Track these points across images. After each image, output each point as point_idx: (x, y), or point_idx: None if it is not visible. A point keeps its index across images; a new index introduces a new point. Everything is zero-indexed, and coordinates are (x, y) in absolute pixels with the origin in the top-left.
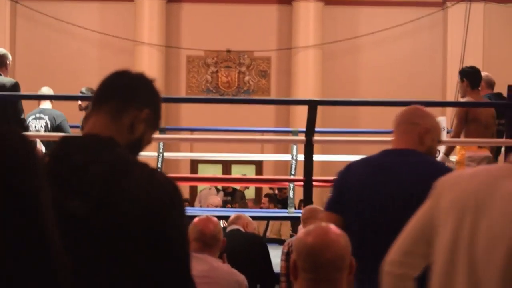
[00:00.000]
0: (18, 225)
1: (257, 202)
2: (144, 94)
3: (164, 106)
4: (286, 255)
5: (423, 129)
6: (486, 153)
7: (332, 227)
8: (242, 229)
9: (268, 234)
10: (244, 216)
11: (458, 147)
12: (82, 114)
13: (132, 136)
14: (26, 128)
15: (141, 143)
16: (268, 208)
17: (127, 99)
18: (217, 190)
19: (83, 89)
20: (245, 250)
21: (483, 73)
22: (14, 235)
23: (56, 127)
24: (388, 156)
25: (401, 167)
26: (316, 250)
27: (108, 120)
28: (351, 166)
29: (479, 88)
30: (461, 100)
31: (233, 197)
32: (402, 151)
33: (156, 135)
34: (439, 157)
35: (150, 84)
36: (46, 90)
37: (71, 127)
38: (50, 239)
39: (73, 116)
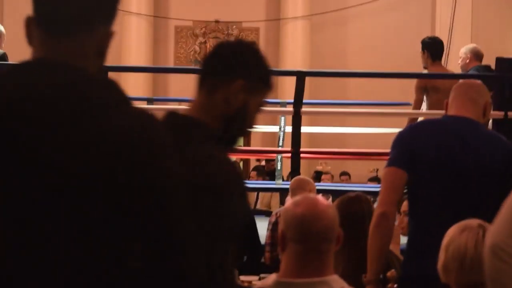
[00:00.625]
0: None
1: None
2: (236, 64)
3: (151, 76)
4: (273, 225)
5: (488, 103)
6: None
7: (320, 198)
8: None
9: (258, 206)
10: None
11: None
12: None
13: (228, 109)
14: None
15: (245, 114)
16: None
17: (217, 73)
18: None
19: None
20: None
21: (471, 45)
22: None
23: None
24: (458, 123)
25: (477, 137)
26: (306, 220)
27: (203, 97)
28: (418, 127)
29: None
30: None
31: None
32: (470, 121)
33: (144, 105)
34: None
35: (244, 52)
36: None
37: None
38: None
39: None
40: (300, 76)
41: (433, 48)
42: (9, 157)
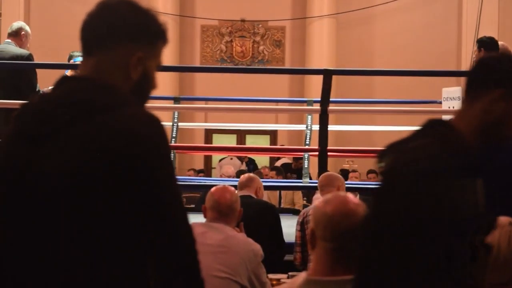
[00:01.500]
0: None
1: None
2: (496, 73)
3: (178, 75)
4: (301, 225)
5: None
6: None
7: (350, 196)
8: (253, 196)
9: (282, 204)
10: (257, 180)
11: None
12: None
13: (488, 119)
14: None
15: (502, 125)
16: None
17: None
18: (240, 160)
19: (75, 53)
20: (258, 219)
21: (499, 43)
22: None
23: None
24: None
25: None
26: (336, 219)
27: (465, 107)
28: None
29: None
30: None
31: (249, 168)
32: None
33: (170, 104)
34: None
35: (505, 62)
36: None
37: None
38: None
39: None
40: (327, 75)
41: (491, 48)
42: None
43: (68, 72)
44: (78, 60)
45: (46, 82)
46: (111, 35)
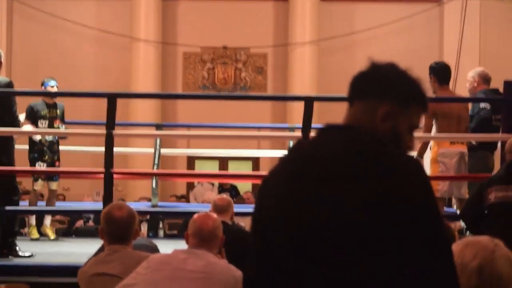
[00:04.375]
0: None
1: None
2: (382, 87)
3: (160, 102)
4: None
5: None
6: (460, 148)
7: None
8: (228, 221)
9: None
10: (232, 205)
11: (432, 144)
12: None
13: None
14: (18, 123)
15: (398, 138)
16: None
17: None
18: (212, 185)
19: (47, 79)
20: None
21: (479, 68)
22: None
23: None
24: None
25: None
26: None
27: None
28: None
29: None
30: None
31: (231, 193)
32: None
33: (152, 131)
34: None
35: (391, 75)
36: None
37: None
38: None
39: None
40: (308, 102)
41: (439, 72)
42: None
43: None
44: (50, 84)
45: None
46: (366, 89)
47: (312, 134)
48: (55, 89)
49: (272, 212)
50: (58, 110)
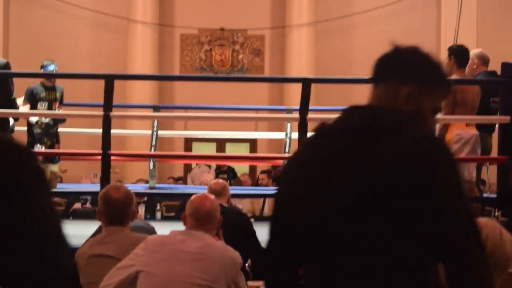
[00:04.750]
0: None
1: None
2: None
3: (157, 84)
4: None
5: None
6: (474, 131)
7: None
8: (225, 204)
9: (265, 212)
10: (228, 188)
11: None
12: None
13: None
14: (15, 104)
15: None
16: (267, 184)
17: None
18: (209, 167)
19: (46, 62)
20: (232, 227)
21: (477, 50)
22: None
23: None
24: None
25: None
26: None
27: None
28: None
29: (475, 67)
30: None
31: (228, 175)
32: None
33: (150, 113)
34: None
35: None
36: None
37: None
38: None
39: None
40: (306, 83)
41: (460, 55)
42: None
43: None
44: (49, 68)
45: (22, 90)
46: (389, 71)
47: (310, 116)
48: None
49: (299, 191)
50: (57, 93)
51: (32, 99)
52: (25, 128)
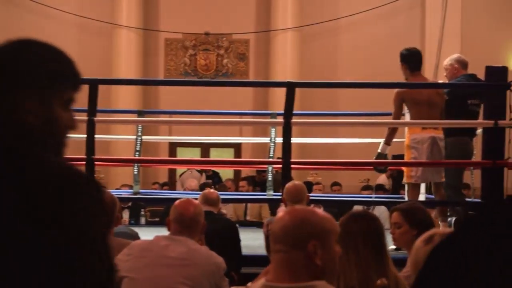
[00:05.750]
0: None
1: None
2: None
3: (142, 88)
4: (267, 238)
5: None
6: (432, 133)
7: (313, 209)
8: (215, 212)
9: (248, 217)
10: (220, 199)
11: (406, 131)
12: None
13: None
14: None
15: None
16: (247, 191)
17: None
18: (200, 172)
19: None
20: (221, 234)
21: (455, 55)
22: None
23: None
24: None
25: None
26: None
27: None
28: None
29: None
30: (397, 90)
31: (213, 180)
32: None
33: (134, 118)
34: (380, 146)
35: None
36: None
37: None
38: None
39: None
40: (291, 87)
41: (410, 59)
42: None
43: None
44: None
45: None
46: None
47: (294, 120)
48: None
49: None
50: None
51: None
52: None
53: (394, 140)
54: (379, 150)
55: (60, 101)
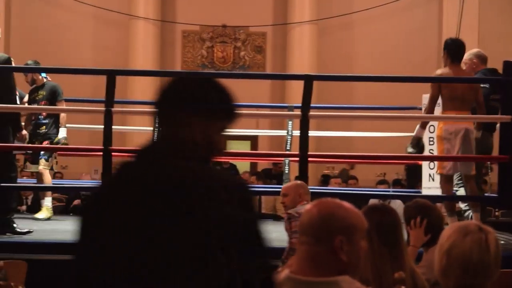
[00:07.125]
0: None
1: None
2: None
3: (159, 80)
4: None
5: None
6: (463, 125)
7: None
8: None
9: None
10: None
11: (439, 123)
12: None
13: None
14: (15, 98)
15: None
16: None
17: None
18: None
19: (29, 62)
20: None
21: (475, 50)
22: None
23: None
24: None
25: None
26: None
27: None
28: None
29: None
30: (438, 71)
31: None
32: None
33: (151, 109)
34: (415, 130)
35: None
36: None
37: None
38: None
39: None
40: (308, 80)
41: (452, 49)
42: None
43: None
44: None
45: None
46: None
47: (311, 113)
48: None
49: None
50: (43, 92)
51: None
52: None
53: (400, 134)
54: (414, 134)
55: (217, 128)
